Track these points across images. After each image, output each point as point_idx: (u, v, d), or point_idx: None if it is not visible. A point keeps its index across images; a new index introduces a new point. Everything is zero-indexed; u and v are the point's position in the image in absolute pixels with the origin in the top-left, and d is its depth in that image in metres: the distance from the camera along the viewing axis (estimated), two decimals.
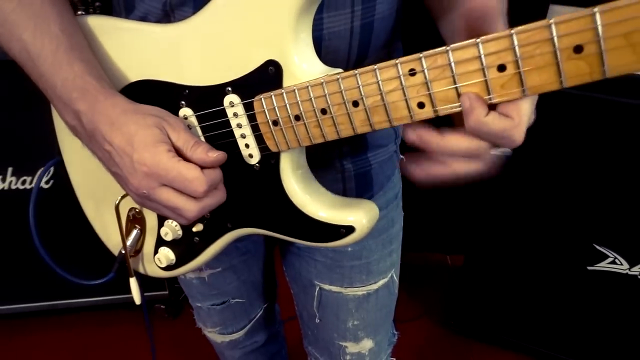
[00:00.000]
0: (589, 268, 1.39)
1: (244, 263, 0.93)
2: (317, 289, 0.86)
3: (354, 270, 0.82)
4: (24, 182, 1.42)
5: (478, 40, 0.42)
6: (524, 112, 0.44)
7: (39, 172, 0.77)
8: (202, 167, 0.53)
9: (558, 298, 1.49)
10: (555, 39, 0.39)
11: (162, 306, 1.83)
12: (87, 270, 0.81)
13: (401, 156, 0.84)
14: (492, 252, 1.53)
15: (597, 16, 0.37)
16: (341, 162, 0.72)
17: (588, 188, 1.29)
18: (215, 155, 0.53)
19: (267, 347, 1.20)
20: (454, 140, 0.47)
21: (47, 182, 1.41)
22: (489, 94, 0.43)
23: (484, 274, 1.58)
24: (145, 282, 0.87)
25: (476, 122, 0.44)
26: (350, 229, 0.57)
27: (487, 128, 0.44)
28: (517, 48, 0.41)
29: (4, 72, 1.27)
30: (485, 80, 0.43)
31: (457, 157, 0.49)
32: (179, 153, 0.53)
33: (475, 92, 0.43)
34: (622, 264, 1.35)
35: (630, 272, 1.35)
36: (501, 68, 0.42)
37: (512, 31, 0.41)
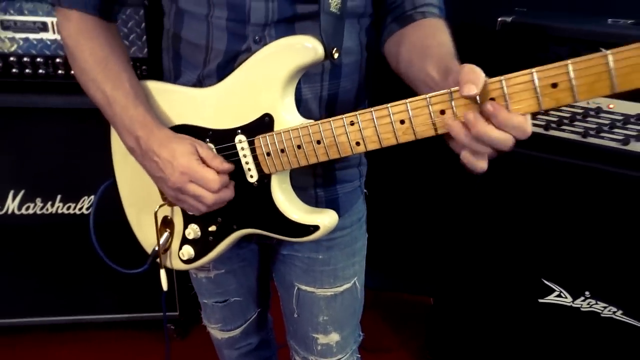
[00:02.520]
0: (540, 301, 1.60)
1: (242, 269, 1.17)
2: (295, 289, 1.10)
3: (324, 274, 1.06)
4: (69, 208, 1.69)
5: (388, 105, 0.70)
6: None
7: (101, 188, 1.05)
8: (218, 173, 0.81)
9: (516, 328, 1.67)
10: (430, 106, 0.67)
11: (171, 326, 2.00)
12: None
13: (365, 190, 1.11)
14: (459, 292, 1.73)
15: (452, 94, 0.65)
16: (315, 191, 0.98)
17: (535, 230, 1.51)
18: (226, 165, 0.83)
19: (260, 351, 1.41)
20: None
21: (87, 209, 1.70)
22: (396, 139, 0.71)
23: (454, 311, 1.77)
24: (158, 303, 1.11)
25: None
26: (316, 228, 0.84)
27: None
28: (410, 110, 0.69)
29: (63, 120, 1.59)
30: (393, 130, 0.71)
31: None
32: (204, 162, 0.81)
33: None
34: (566, 297, 1.56)
35: (573, 305, 1.56)
36: (402, 122, 0.70)
37: (407, 100, 0.69)
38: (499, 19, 1.35)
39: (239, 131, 0.84)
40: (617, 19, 1.40)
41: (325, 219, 0.84)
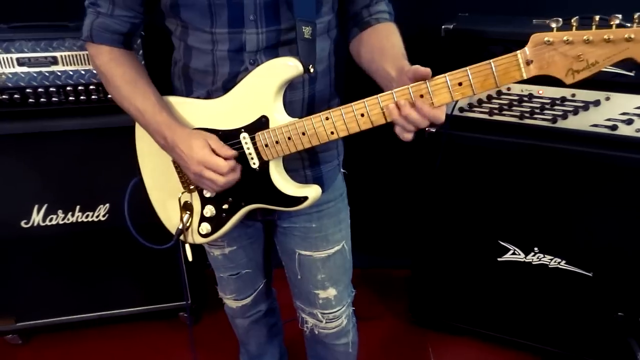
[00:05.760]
0: (499, 259, 1.86)
1: (250, 245, 1.43)
2: (297, 255, 1.35)
3: (317, 239, 1.32)
4: (87, 216, 1.91)
5: (352, 104, 0.97)
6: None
7: (131, 183, 1.28)
8: (226, 160, 1.06)
9: (481, 285, 1.95)
10: (381, 103, 0.95)
11: (184, 314, 2.21)
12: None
13: (343, 170, 1.38)
14: (432, 261, 2.00)
15: (395, 94, 0.93)
16: (304, 171, 1.24)
17: (489, 200, 1.78)
18: (232, 152, 1.08)
19: (267, 318, 1.68)
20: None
21: (104, 216, 1.92)
22: (359, 127, 0.99)
23: (429, 277, 2.05)
24: (172, 293, 1.25)
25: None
26: (305, 198, 1.11)
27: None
28: (367, 107, 0.96)
29: (76, 140, 1.79)
30: (356, 120, 0.98)
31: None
32: (215, 152, 1.06)
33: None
34: (520, 254, 1.84)
35: (526, 260, 1.83)
36: (362, 115, 0.97)
37: (365, 100, 0.96)
38: (443, 27, 1.63)
39: (243, 130, 1.10)
40: (541, 19, 1.68)
41: (311, 191, 1.12)
